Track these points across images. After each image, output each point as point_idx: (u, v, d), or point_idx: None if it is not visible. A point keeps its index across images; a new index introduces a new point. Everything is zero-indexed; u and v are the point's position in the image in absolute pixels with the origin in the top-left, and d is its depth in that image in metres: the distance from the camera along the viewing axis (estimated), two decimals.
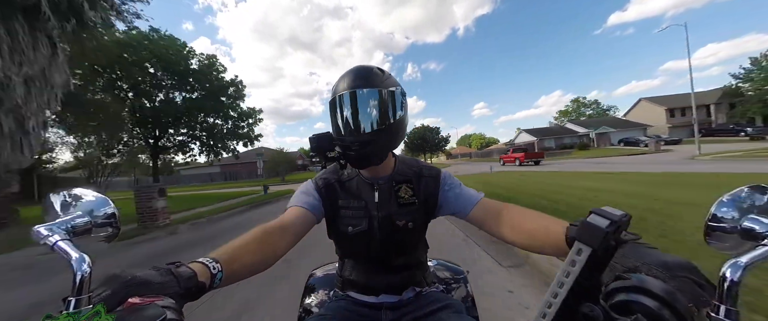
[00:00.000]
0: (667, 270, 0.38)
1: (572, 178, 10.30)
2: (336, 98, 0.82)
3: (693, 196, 5.21)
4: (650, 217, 4.03)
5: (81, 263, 0.40)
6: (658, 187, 6.79)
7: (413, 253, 0.94)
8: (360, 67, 0.84)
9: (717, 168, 9.77)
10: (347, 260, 0.96)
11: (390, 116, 0.81)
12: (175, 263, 0.49)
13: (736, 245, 0.43)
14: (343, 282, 0.95)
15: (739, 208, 0.44)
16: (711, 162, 12.75)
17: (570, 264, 0.39)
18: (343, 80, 0.82)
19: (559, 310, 0.39)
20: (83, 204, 0.51)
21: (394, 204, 0.88)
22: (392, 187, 0.89)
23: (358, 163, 0.85)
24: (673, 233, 3.29)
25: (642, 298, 0.36)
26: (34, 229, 0.44)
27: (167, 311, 0.38)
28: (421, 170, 0.93)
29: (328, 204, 0.89)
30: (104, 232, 0.52)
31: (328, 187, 0.90)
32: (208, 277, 0.51)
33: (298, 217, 0.80)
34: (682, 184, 6.87)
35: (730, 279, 0.35)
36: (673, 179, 7.97)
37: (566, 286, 0.39)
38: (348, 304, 0.91)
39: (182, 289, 0.45)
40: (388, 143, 0.85)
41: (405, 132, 0.90)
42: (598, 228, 0.39)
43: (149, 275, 0.43)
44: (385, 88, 0.81)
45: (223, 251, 0.58)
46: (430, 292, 0.94)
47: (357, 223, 0.87)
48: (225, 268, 0.54)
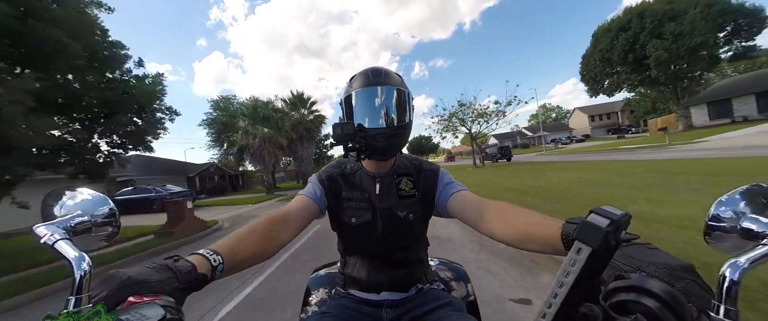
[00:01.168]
0: (667, 270, 0.38)
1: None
2: (366, 90, 0.86)
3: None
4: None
5: (81, 263, 0.40)
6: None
7: (414, 249, 0.95)
8: (381, 68, 0.91)
9: (551, 158, 16.37)
10: (349, 258, 0.97)
11: (409, 113, 0.90)
12: (173, 257, 0.49)
13: (736, 245, 0.43)
14: (345, 280, 0.96)
15: (739, 208, 0.44)
16: (559, 154, 20.40)
17: (570, 264, 0.39)
18: (370, 76, 0.87)
19: (559, 310, 0.39)
20: (83, 203, 0.51)
21: (395, 196, 0.90)
22: (393, 179, 0.92)
23: (381, 154, 0.89)
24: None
25: (642, 298, 0.36)
26: (33, 228, 0.44)
27: (167, 310, 0.39)
28: (421, 165, 0.97)
29: (332, 196, 0.92)
30: (104, 232, 0.52)
31: (332, 179, 0.93)
32: (208, 268, 0.51)
33: (303, 207, 0.84)
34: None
35: (729, 279, 0.34)
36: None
37: (566, 286, 0.38)
38: (350, 301, 0.92)
39: (182, 284, 0.46)
40: (406, 138, 0.92)
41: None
42: (598, 227, 0.39)
43: (148, 273, 0.43)
44: (405, 89, 0.90)
45: (225, 242, 0.60)
46: (431, 290, 0.94)
47: (361, 215, 0.90)
48: (226, 258, 0.55)
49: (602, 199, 5.41)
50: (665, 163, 9.39)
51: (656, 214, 3.93)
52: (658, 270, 0.38)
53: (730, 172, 6.30)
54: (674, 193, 5.13)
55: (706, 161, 8.68)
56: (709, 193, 3.59)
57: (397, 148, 0.92)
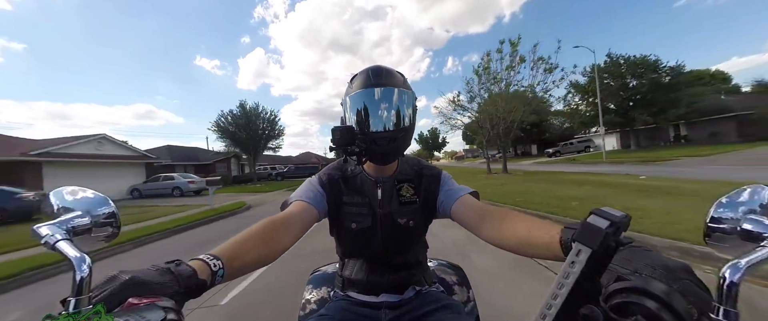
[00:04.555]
0: (665, 271, 0.38)
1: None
2: (366, 92, 0.82)
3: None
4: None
5: (81, 263, 0.40)
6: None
7: (413, 252, 0.95)
8: (383, 67, 0.86)
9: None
10: (348, 260, 0.97)
11: (412, 116, 0.87)
12: (175, 261, 0.49)
13: (736, 246, 0.42)
14: (344, 282, 0.95)
15: (739, 209, 0.43)
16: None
17: (569, 265, 0.39)
18: (371, 76, 0.84)
19: (559, 312, 0.39)
20: (83, 203, 0.51)
21: (396, 202, 0.89)
22: (394, 185, 0.91)
23: (382, 159, 0.87)
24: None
25: (642, 300, 0.36)
26: (33, 228, 0.44)
27: (167, 312, 0.38)
28: (422, 170, 0.95)
29: (332, 199, 0.89)
30: (104, 232, 0.52)
31: (333, 182, 0.91)
32: (208, 274, 0.51)
33: (303, 211, 0.81)
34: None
35: (729, 280, 0.34)
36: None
37: (566, 287, 0.38)
38: (348, 303, 0.92)
39: (182, 288, 0.45)
40: (408, 141, 0.89)
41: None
42: (597, 229, 0.39)
43: (149, 275, 0.43)
44: (408, 90, 0.86)
45: (225, 247, 0.59)
46: (429, 292, 0.94)
47: (361, 220, 0.88)
48: (227, 264, 0.54)
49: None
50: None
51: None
52: (657, 271, 0.38)
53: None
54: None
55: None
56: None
57: (398, 152, 0.90)
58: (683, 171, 10.60)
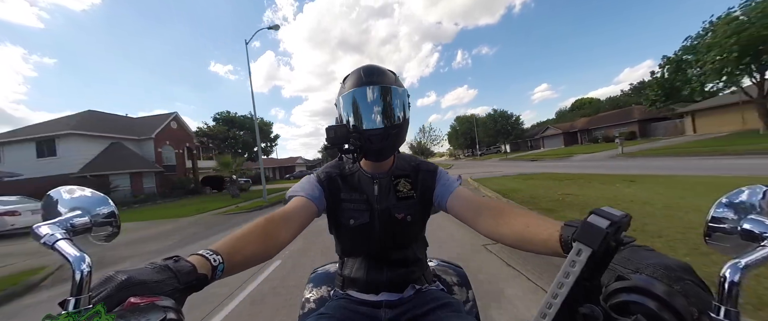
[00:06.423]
0: (666, 271, 0.38)
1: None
2: (358, 91, 0.84)
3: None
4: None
5: (81, 263, 0.40)
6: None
7: (412, 249, 0.95)
8: (375, 66, 0.88)
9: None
10: (347, 259, 0.97)
11: (405, 113, 0.88)
12: (173, 258, 0.49)
13: (737, 246, 0.42)
14: (344, 280, 0.96)
15: (739, 209, 0.43)
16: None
17: (570, 264, 0.39)
18: (363, 75, 0.85)
19: (559, 311, 0.39)
20: (83, 203, 0.51)
21: (393, 197, 0.90)
22: (391, 181, 0.92)
23: (376, 155, 0.88)
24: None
25: (643, 299, 0.36)
26: (33, 228, 0.44)
27: (167, 311, 0.38)
28: (418, 165, 0.96)
29: (330, 196, 0.91)
30: (104, 232, 0.52)
31: (331, 180, 0.92)
32: (208, 269, 0.51)
33: (301, 207, 0.82)
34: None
35: (730, 280, 0.34)
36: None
37: (566, 286, 0.38)
38: (348, 302, 0.92)
39: (182, 285, 0.45)
40: (402, 138, 0.90)
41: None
42: (598, 228, 0.39)
43: (146, 273, 0.43)
44: (400, 87, 0.88)
45: (225, 242, 0.60)
46: (429, 290, 0.94)
47: (359, 216, 0.89)
48: (226, 259, 0.55)
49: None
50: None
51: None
52: (657, 271, 0.38)
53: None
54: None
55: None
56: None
57: (393, 148, 0.91)
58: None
